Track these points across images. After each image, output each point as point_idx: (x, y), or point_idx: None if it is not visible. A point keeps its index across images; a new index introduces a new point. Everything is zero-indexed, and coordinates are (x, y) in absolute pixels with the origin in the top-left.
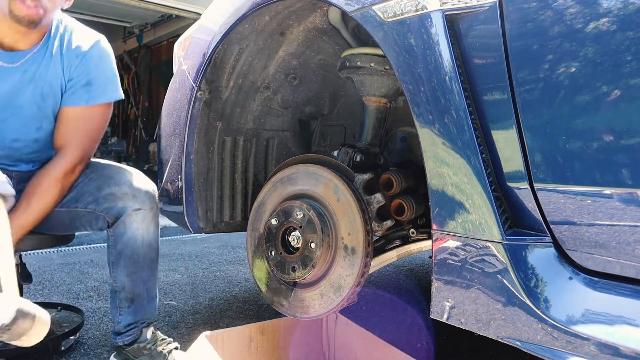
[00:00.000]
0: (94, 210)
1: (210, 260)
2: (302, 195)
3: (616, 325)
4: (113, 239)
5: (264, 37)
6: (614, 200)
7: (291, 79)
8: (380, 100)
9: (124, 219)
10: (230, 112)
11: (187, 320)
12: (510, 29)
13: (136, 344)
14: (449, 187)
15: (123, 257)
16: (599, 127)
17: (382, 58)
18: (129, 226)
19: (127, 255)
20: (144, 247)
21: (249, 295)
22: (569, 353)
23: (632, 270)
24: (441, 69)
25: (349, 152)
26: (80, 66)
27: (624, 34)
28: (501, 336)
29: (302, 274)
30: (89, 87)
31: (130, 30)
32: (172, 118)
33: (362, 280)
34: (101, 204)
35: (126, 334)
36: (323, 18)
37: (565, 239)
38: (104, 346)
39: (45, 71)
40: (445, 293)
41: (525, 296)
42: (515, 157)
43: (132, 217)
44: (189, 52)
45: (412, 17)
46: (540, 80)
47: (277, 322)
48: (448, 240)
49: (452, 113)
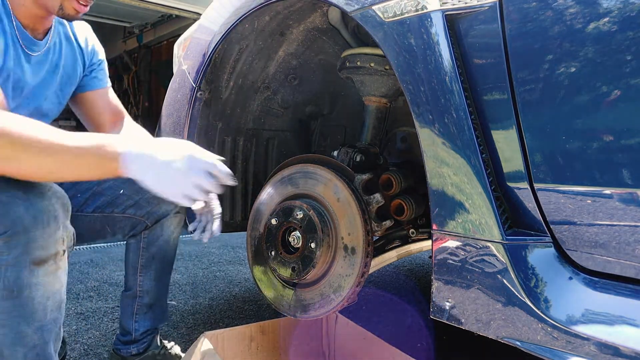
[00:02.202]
0: (133, 215)
1: (210, 260)
2: (302, 195)
3: (616, 325)
4: (146, 242)
5: (264, 37)
6: (614, 200)
7: (291, 79)
8: (380, 100)
9: (163, 222)
10: (230, 112)
11: (187, 320)
12: (510, 29)
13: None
14: (448, 187)
15: (155, 260)
16: (599, 127)
17: (382, 58)
18: (166, 229)
19: (159, 258)
20: (173, 249)
21: (249, 295)
22: (569, 353)
23: (632, 270)
24: (441, 69)
25: (349, 152)
26: (94, 50)
27: (624, 34)
28: (501, 336)
29: (302, 274)
30: (103, 70)
31: (130, 30)
32: (172, 118)
33: (362, 280)
34: (143, 207)
35: (141, 341)
36: (323, 18)
37: (565, 239)
38: (104, 346)
39: (66, 59)
40: (445, 293)
41: (525, 296)
42: (515, 157)
43: (171, 221)
44: (189, 52)
45: (412, 17)
46: (540, 80)
47: (277, 322)
48: (448, 240)
49: (452, 113)
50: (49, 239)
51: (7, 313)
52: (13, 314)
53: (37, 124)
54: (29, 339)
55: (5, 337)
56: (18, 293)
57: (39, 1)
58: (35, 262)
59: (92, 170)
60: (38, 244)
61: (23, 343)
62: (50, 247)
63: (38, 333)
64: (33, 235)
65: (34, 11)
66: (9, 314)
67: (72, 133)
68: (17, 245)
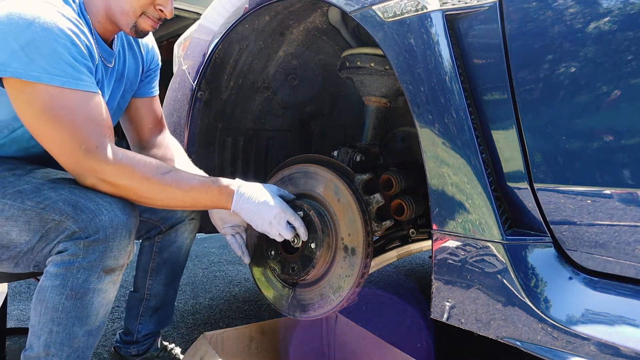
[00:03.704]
0: (149, 219)
1: (210, 260)
2: (302, 195)
3: (616, 325)
4: (159, 246)
5: (264, 37)
6: (614, 200)
7: (291, 79)
8: (380, 100)
9: (178, 228)
10: (230, 112)
11: (187, 320)
12: (510, 29)
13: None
14: (448, 187)
15: (166, 265)
16: (599, 127)
17: (382, 58)
18: (180, 235)
19: (170, 263)
20: (185, 256)
21: (249, 295)
22: (569, 353)
23: (632, 270)
24: (441, 69)
25: (349, 152)
26: (154, 56)
27: (624, 34)
28: (501, 336)
29: (302, 274)
30: (157, 77)
31: None
32: (173, 118)
33: (362, 280)
34: (158, 212)
35: (142, 343)
36: (323, 18)
37: (565, 239)
38: (104, 346)
39: (129, 67)
40: (445, 293)
41: (525, 296)
42: (515, 157)
43: (186, 226)
44: (189, 52)
45: (412, 17)
46: (540, 80)
47: (277, 322)
48: (448, 240)
49: (452, 113)
50: (122, 251)
51: (66, 312)
52: (71, 314)
53: (165, 166)
54: (77, 341)
55: (57, 336)
56: (82, 296)
57: (113, 19)
58: (105, 270)
59: (208, 205)
60: (112, 254)
61: (70, 344)
62: (120, 259)
63: (85, 337)
64: (111, 245)
65: (108, 27)
66: (68, 313)
67: (195, 174)
68: (95, 252)
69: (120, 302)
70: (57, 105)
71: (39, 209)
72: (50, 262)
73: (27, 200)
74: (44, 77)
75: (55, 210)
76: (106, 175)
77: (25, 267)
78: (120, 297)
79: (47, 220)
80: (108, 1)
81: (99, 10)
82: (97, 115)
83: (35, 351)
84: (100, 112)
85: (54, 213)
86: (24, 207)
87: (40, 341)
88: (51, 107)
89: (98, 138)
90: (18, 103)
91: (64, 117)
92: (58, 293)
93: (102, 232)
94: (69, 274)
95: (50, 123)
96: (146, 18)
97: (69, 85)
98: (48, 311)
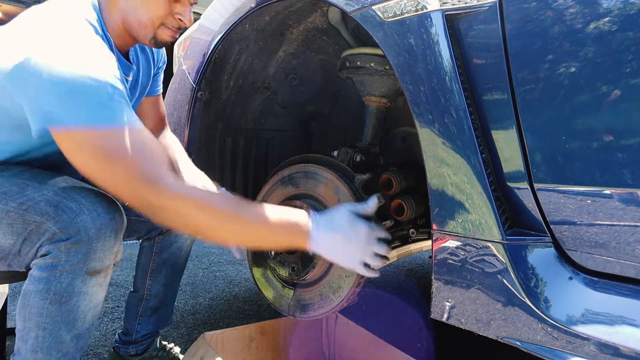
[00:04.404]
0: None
1: (210, 260)
2: (303, 195)
3: (616, 325)
4: (159, 247)
5: (264, 37)
6: (614, 200)
7: (291, 79)
8: (380, 100)
9: None
10: (230, 112)
11: (187, 320)
12: (510, 29)
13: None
14: (448, 187)
15: (166, 266)
16: (599, 127)
17: (382, 58)
18: (180, 236)
19: (170, 264)
20: (185, 257)
21: (249, 295)
22: (569, 353)
23: (632, 270)
24: (441, 69)
25: (349, 152)
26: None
27: (624, 34)
28: (501, 336)
29: (302, 274)
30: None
31: None
32: (173, 118)
33: (361, 280)
34: None
35: (141, 343)
36: (323, 18)
37: (565, 239)
38: (104, 346)
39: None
40: (445, 293)
41: (525, 296)
42: (515, 157)
43: None
44: (189, 52)
45: (412, 17)
46: (540, 80)
47: (277, 322)
48: (448, 240)
49: (452, 113)
50: (106, 252)
51: (51, 317)
52: (56, 319)
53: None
54: (65, 346)
55: (44, 341)
56: (66, 300)
57: (131, 32)
58: (89, 272)
59: (284, 244)
60: (97, 256)
61: (58, 349)
62: (105, 260)
63: (74, 341)
64: (94, 246)
65: (126, 40)
66: (53, 318)
67: (265, 208)
68: (77, 254)
69: (120, 302)
70: (107, 146)
71: (22, 210)
72: (34, 265)
73: (10, 201)
74: (90, 122)
75: (37, 211)
76: (171, 210)
77: (18, 268)
78: (120, 297)
79: (29, 221)
80: (125, 15)
81: (117, 24)
82: (148, 148)
83: (23, 356)
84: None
85: (36, 214)
86: (7, 209)
87: (27, 346)
88: (103, 149)
89: (156, 171)
90: (69, 152)
91: (117, 157)
92: (41, 298)
93: (84, 232)
94: (52, 278)
95: (105, 164)
96: (165, 29)
97: (113, 125)
98: (32, 316)
